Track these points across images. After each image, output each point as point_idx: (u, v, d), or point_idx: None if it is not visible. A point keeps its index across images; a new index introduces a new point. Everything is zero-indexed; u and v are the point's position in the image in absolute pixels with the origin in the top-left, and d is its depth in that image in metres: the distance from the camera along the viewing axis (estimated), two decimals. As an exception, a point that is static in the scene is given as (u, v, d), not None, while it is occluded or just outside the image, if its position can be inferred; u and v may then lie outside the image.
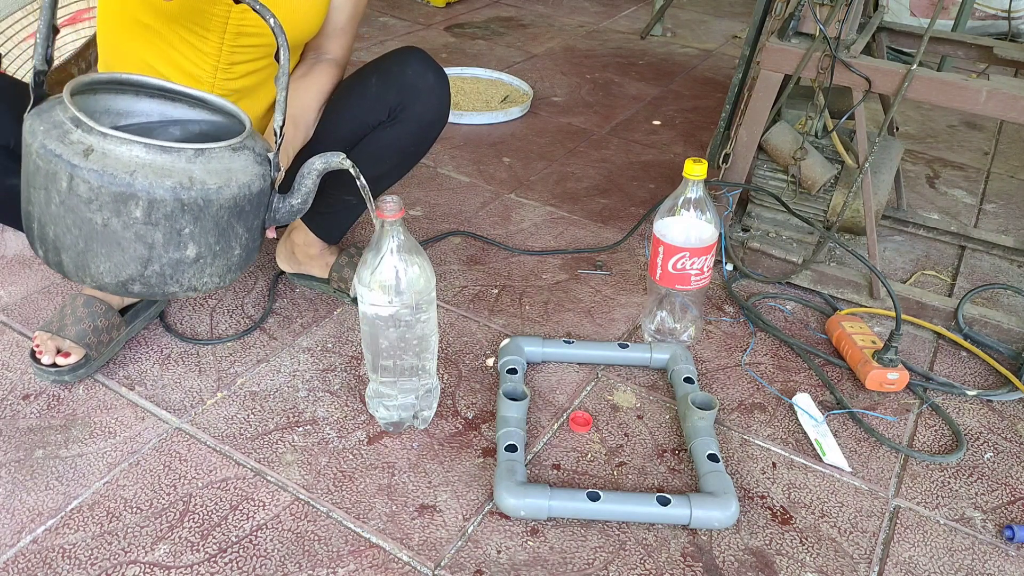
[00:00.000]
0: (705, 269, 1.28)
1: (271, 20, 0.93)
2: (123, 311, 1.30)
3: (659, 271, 1.29)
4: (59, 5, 2.12)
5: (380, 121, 1.23)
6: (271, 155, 1.00)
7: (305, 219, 1.38)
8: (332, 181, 1.30)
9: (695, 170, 1.22)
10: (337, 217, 1.38)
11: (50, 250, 0.94)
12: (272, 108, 1.24)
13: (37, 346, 1.21)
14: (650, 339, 1.37)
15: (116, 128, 0.90)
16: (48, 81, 1.86)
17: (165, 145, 0.89)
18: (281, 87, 0.98)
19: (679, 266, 1.27)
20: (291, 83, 1.23)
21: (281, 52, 0.95)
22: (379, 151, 1.26)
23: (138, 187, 0.88)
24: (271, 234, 1.10)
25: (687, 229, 1.26)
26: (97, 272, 0.93)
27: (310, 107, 1.22)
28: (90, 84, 0.99)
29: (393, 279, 1.03)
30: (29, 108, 0.93)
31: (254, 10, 0.93)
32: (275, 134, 1.02)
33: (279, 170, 1.02)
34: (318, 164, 1.02)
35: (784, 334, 1.40)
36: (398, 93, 1.21)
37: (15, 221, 1.13)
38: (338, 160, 1.01)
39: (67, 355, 1.19)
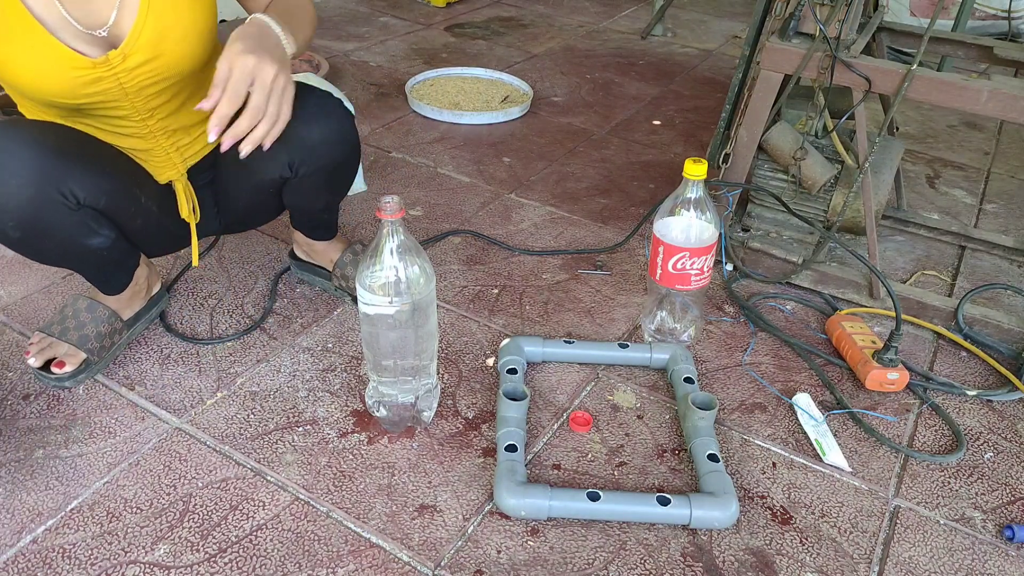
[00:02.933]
0: (705, 269, 1.28)
1: None
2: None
3: (659, 271, 1.29)
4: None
5: (286, 178, 1.18)
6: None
7: (295, 225, 1.38)
8: (295, 213, 1.30)
9: (695, 170, 1.22)
10: (316, 223, 1.37)
11: None
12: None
13: (31, 344, 1.20)
14: (650, 339, 1.37)
15: None
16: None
17: None
18: None
19: (679, 266, 1.27)
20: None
21: None
22: (298, 200, 1.25)
23: None
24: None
25: (687, 229, 1.26)
26: None
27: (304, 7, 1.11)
28: None
29: (393, 279, 1.03)
30: None
31: None
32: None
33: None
34: None
35: (784, 334, 1.40)
36: (289, 152, 1.13)
37: (86, 271, 1.18)
38: None
39: (62, 364, 1.19)
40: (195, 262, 1.29)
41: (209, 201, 1.30)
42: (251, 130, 0.95)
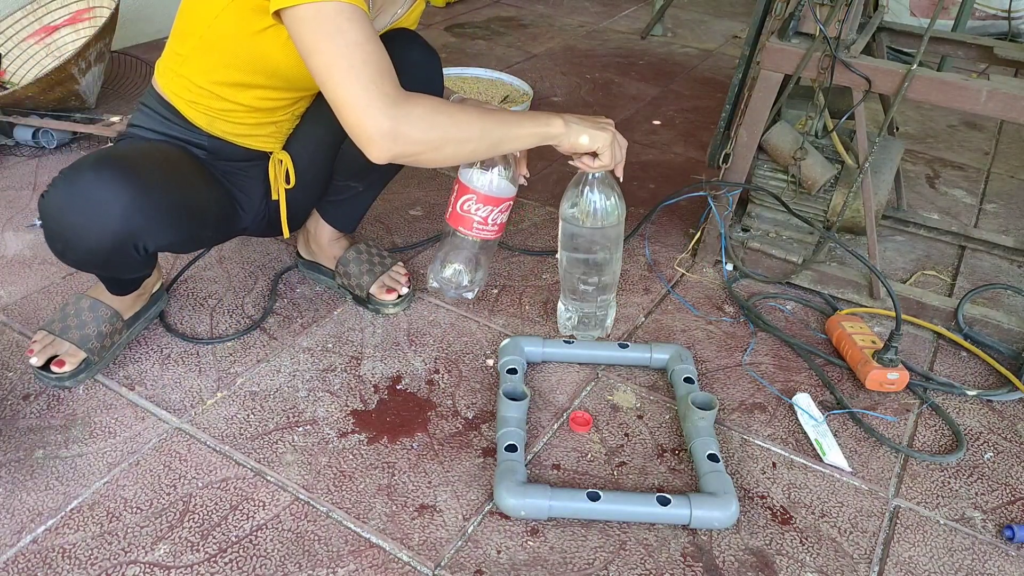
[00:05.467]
0: (490, 221, 1.30)
1: None
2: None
3: (450, 209, 1.31)
4: (59, 5, 2.12)
5: None
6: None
7: (317, 207, 1.40)
8: (339, 167, 1.31)
9: None
10: (346, 206, 1.39)
11: None
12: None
13: (34, 342, 1.20)
14: (436, 285, 1.38)
15: None
16: (48, 80, 1.87)
17: None
18: None
19: (466, 208, 1.28)
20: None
21: None
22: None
23: None
24: None
25: (489, 180, 1.28)
26: None
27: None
28: None
29: (597, 206, 1.23)
30: None
31: None
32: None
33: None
34: None
35: (784, 334, 1.40)
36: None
37: (101, 275, 1.21)
38: None
39: (62, 363, 1.19)
40: (286, 234, 1.33)
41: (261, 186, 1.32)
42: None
